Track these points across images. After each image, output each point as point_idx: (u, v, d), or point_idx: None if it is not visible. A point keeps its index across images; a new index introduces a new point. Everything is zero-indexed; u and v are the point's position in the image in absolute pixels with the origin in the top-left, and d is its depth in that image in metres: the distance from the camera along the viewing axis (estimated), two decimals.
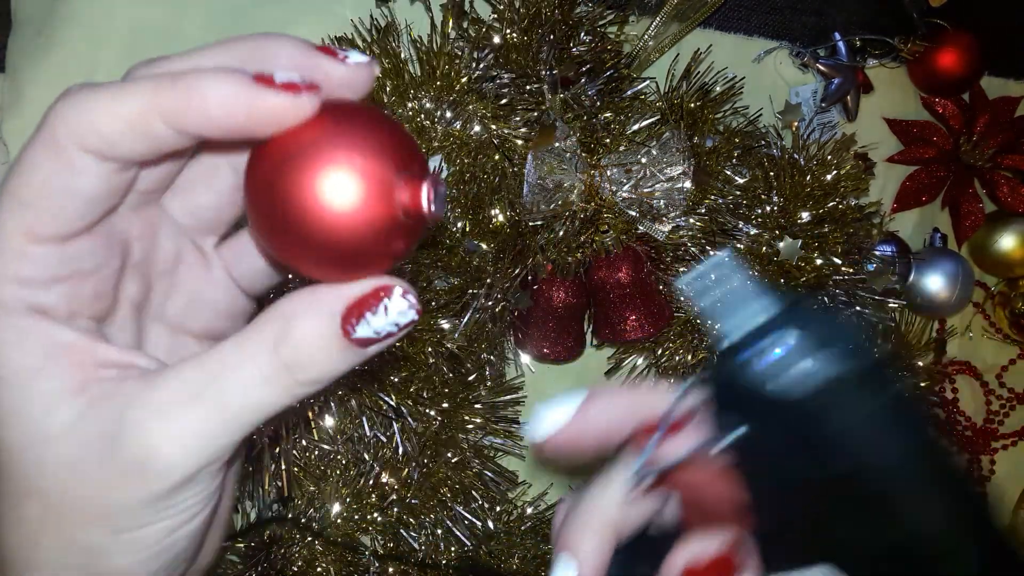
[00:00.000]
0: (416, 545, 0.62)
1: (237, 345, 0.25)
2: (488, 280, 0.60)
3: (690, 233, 0.64)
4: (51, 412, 0.24)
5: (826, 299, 0.67)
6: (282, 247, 0.24)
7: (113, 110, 0.23)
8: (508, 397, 0.66)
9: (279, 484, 0.57)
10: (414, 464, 0.60)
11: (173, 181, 0.29)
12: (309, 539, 0.60)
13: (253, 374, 0.24)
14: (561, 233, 0.61)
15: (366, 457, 0.60)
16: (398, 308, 0.24)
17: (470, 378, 0.63)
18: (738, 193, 0.65)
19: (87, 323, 0.26)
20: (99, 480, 0.24)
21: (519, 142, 0.59)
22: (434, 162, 0.60)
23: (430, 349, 0.59)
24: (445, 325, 0.59)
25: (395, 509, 0.61)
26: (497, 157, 0.59)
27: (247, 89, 0.23)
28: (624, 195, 0.60)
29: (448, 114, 0.58)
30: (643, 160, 0.60)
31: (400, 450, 0.60)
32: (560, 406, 0.30)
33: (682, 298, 0.25)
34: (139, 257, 0.28)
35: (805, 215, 0.66)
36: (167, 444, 0.24)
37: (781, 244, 0.65)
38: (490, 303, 0.61)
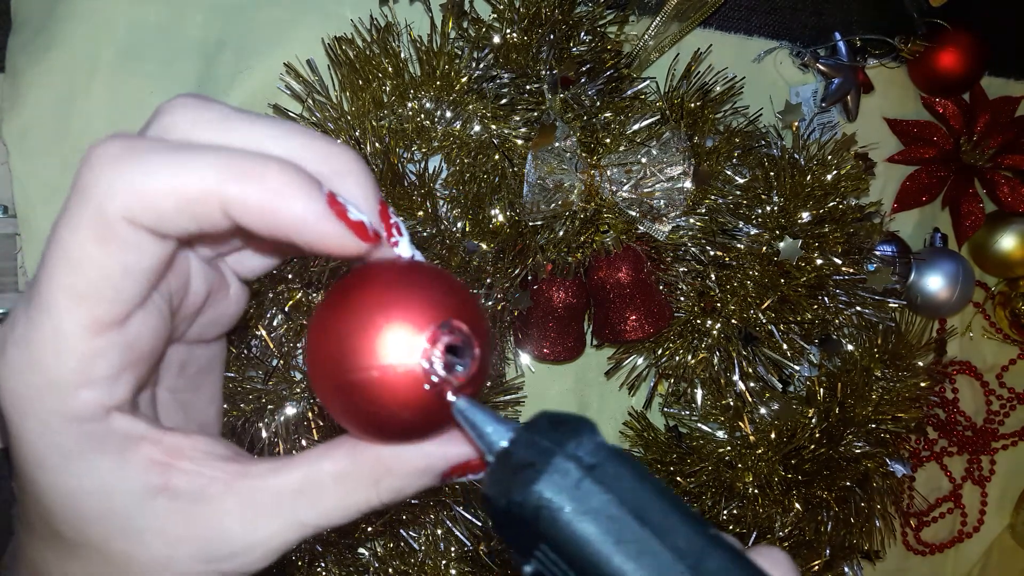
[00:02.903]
0: (416, 545, 0.62)
1: (337, 480, 0.26)
2: (488, 280, 0.60)
3: (690, 233, 0.64)
4: (136, 511, 0.24)
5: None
6: (320, 394, 0.25)
7: (169, 185, 0.21)
8: (508, 397, 0.66)
9: None
10: None
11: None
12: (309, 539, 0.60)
13: (350, 506, 0.26)
14: (561, 233, 0.61)
15: None
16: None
17: None
18: (738, 193, 0.65)
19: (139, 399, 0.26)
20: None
21: (519, 142, 0.59)
22: (434, 162, 0.60)
23: None
24: None
25: (395, 509, 0.61)
26: (497, 157, 0.59)
27: (322, 216, 0.22)
28: (624, 195, 0.60)
29: (448, 114, 0.58)
30: (643, 160, 0.60)
31: None
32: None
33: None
34: (174, 308, 0.27)
35: (805, 215, 0.66)
36: (254, 555, 0.25)
37: (781, 244, 0.65)
38: (490, 303, 0.61)
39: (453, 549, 0.62)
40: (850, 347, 0.72)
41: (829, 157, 0.68)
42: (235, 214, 0.22)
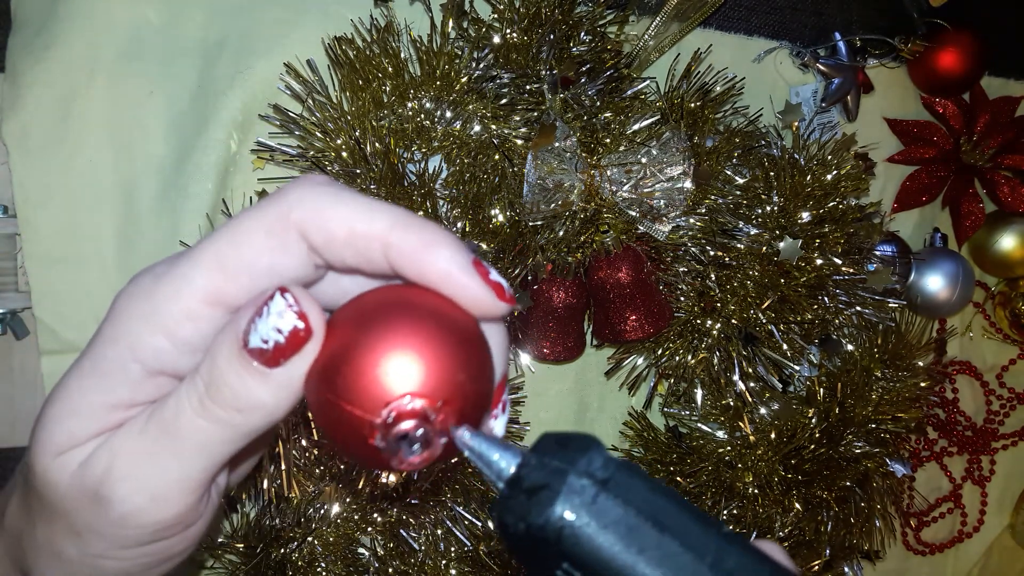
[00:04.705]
0: (416, 545, 0.62)
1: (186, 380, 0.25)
2: None
3: (690, 233, 0.64)
4: (80, 423, 0.26)
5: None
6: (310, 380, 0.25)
7: (349, 219, 0.24)
8: (508, 397, 0.66)
9: (279, 484, 0.57)
10: None
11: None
12: (309, 539, 0.60)
13: (187, 406, 0.25)
14: (561, 233, 0.61)
15: None
16: (277, 308, 0.24)
17: None
18: (738, 193, 0.65)
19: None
20: (75, 510, 0.26)
21: (519, 142, 0.59)
22: (434, 162, 0.60)
23: None
24: None
25: (395, 509, 0.61)
26: (497, 157, 0.59)
27: (468, 272, 0.24)
28: (624, 195, 0.60)
29: (448, 114, 0.58)
30: (643, 160, 0.60)
31: None
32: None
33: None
34: None
35: (805, 215, 0.66)
36: (126, 488, 0.25)
37: (781, 244, 0.65)
38: None
39: (453, 549, 0.62)
40: (850, 347, 0.72)
41: (829, 157, 0.68)
42: (394, 258, 0.24)
